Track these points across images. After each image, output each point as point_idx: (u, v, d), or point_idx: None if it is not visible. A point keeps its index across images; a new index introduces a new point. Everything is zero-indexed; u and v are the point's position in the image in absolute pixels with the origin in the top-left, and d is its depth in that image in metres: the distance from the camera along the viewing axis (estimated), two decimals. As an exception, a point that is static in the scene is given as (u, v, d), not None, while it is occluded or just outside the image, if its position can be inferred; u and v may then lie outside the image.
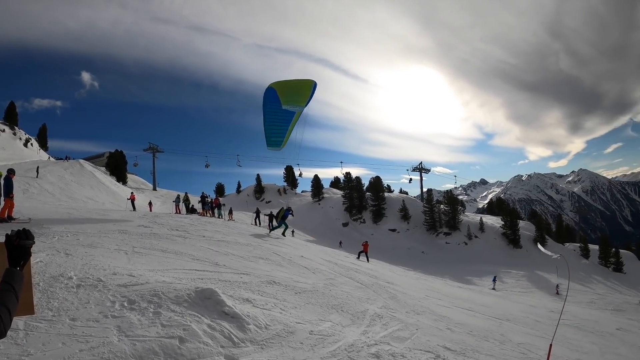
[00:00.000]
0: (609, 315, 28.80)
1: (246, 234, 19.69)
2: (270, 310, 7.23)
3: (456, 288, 27.32)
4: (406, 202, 73.88)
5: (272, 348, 5.66)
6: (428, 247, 63.81)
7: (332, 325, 7.62)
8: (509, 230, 67.43)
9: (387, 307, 11.02)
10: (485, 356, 9.29)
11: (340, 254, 26.75)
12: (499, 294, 30.54)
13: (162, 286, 6.63)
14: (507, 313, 18.63)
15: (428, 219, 69.73)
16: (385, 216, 72.84)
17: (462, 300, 19.26)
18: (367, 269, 19.68)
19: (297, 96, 13.97)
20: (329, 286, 11.48)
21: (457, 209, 71.59)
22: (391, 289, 14.87)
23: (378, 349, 6.84)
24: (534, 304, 25.98)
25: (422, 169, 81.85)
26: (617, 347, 17.16)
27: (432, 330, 10.14)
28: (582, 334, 18.48)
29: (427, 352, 7.80)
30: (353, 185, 76.08)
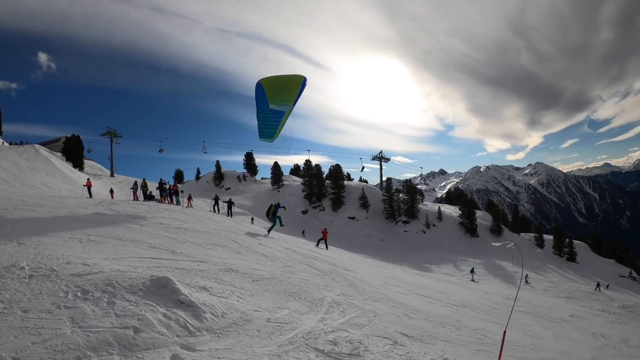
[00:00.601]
0: (563, 302, 29.71)
1: (204, 221, 19.44)
2: (227, 298, 7.18)
3: (414, 275, 27.71)
4: (366, 190, 74.25)
5: (228, 336, 5.63)
6: (387, 235, 64.51)
7: (289, 313, 7.64)
8: (467, 219, 68.70)
9: (345, 294, 11.11)
10: (442, 342, 9.49)
11: (299, 242, 26.75)
12: (456, 281, 31.17)
13: (117, 275, 6.50)
14: (464, 300, 19.00)
15: (387, 207, 70.28)
16: (344, 204, 73.14)
17: (420, 287, 19.56)
18: (325, 257, 19.69)
19: (284, 95, 13.72)
20: (287, 274, 11.47)
21: (416, 198, 72.30)
22: (349, 276, 14.97)
23: (335, 335, 6.89)
24: (489, 291, 26.61)
25: (382, 158, 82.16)
26: (570, 333, 17.80)
27: (390, 316, 10.30)
28: (536, 320, 19.08)
29: (385, 338, 7.91)
30: (313, 173, 75.82)
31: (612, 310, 28.89)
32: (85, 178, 41.69)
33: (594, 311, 27.24)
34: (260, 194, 75.18)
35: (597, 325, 22.00)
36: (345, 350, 6.22)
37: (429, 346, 8.62)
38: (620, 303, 31.93)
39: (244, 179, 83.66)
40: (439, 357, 7.62)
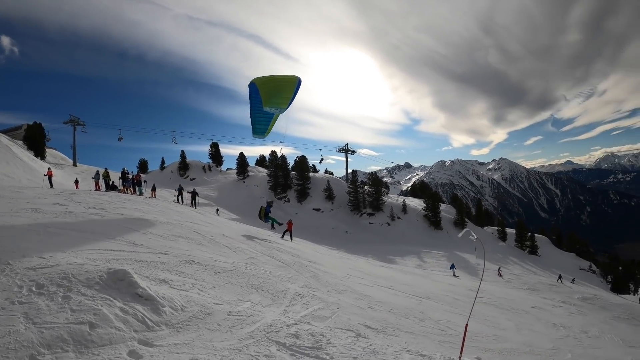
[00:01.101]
0: (525, 294, 30.36)
1: (167, 212, 19.13)
2: (187, 291, 7.10)
3: (378, 267, 27.90)
4: (331, 182, 74.08)
5: (188, 331, 5.58)
6: (352, 227, 64.70)
7: (251, 306, 7.61)
8: (431, 212, 69.11)
9: (308, 286, 11.13)
10: (405, 333, 9.59)
11: (264, 233, 26.60)
12: (420, 273, 31.51)
13: (74, 268, 6.33)
14: (428, 291, 19.23)
15: (352, 199, 70.24)
16: (310, 196, 72.90)
17: (384, 279, 19.69)
18: (290, 248, 19.64)
19: (279, 98, 13.54)
20: (250, 265, 11.40)
21: (381, 190, 72.41)
22: (313, 268, 15.00)
23: (298, 328, 6.88)
24: (453, 283, 27.00)
25: (348, 150, 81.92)
26: (532, 324, 18.23)
27: (353, 308, 10.35)
28: (499, 311, 19.47)
29: (348, 330, 7.94)
30: (278, 164, 74.98)
31: (573, 302, 29.62)
32: (47, 167, 40.48)
33: (555, 303, 27.91)
34: (225, 184, 74.53)
35: (558, 316, 22.57)
36: (307, 343, 6.22)
37: (392, 338, 8.69)
38: (580, 295, 32.73)
39: (209, 170, 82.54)
40: (402, 349, 7.67)
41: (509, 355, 11.15)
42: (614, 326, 23.79)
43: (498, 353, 10.99)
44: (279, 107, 13.58)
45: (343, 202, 70.91)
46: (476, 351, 10.32)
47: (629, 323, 26.26)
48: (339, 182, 78.26)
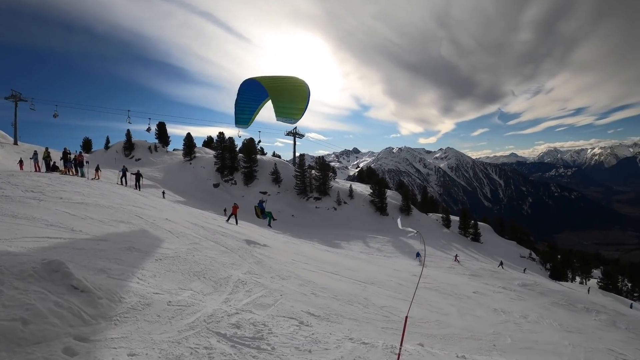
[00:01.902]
0: (467, 280, 31.17)
1: (109, 195, 18.53)
2: (126, 281, 6.93)
3: (324, 252, 28.04)
4: (278, 165, 73.70)
5: (126, 323, 5.47)
6: (298, 211, 64.77)
7: (192, 294, 7.54)
8: (377, 198, 70.13)
9: (251, 273, 11.11)
10: (349, 320, 9.71)
11: (209, 217, 26.32)
12: (364, 258, 31.92)
13: (6, 259, 5.98)
14: (372, 277, 19.46)
15: (299, 183, 70.13)
16: (256, 178, 72.30)
17: (329, 264, 19.79)
18: (234, 232, 19.47)
19: (292, 109, 13.07)
20: (193, 251, 11.20)
21: (328, 175, 72.58)
22: (257, 253, 14.95)
23: (239, 318, 6.90)
24: (397, 268, 27.40)
25: (296, 134, 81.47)
26: (474, 309, 18.78)
27: (297, 295, 10.43)
28: (442, 296, 19.96)
29: (291, 318, 8.00)
30: (226, 145, 74.10)
31: (513, 287, 30.66)
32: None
33: (496, 288, 28.81)
34: (171, 165, 73.14)
35: (499, 301, 23.33)
36: (248, 333, 6.25)
37: (336, 325, 8.79)
38: (520, 281, 33.87)
39: (155, 150, 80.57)
40: (345, 337, 7.77)
41: (450, 340, 11.45)
42: (552, 311, 24.82)
43: (440, 338, 11.26)
44: (293, 119, 13.28)
45: (290, 185, 70.88)
46: (419, 337, 10.55)
47: (566, 309, 27.45)
48: (286, 165, 78.00)
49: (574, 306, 28.77)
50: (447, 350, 9.80)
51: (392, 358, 7.04)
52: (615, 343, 20.21)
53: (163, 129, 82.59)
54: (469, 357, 9.26)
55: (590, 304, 30.82)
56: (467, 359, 9.03)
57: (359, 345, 7.49)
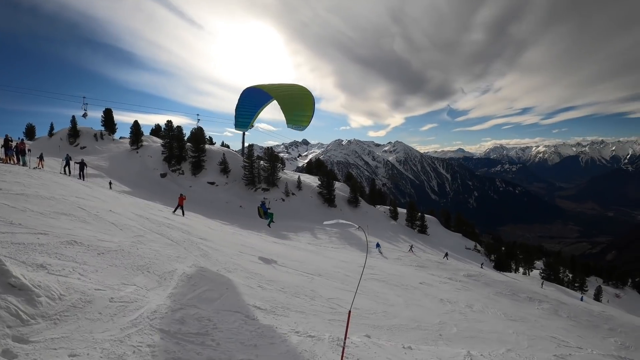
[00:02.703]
0: (414, 270, 31.66)
1: (51, 185, 17.92)
2: (67, 277, 6.73)
3: (271, 243, 27.97)
4: (227, 155, 72.80)
5: (67, 322, 5.36)
6: (246, 202, 64.21)
7: (135, 290, 7.41)
8: (325, 190, 70.57)
9: (197, 266, 10.97)
10: (296, 313, 9.77)
11: (155, 207, 25.88)
12: (312, 249, 31.99)
13: None
14: (319, 268, 19.53)
15: (247, 174, 69.57)
16: (205, 169, 71.25)
17: (276, 256, 19.71)
18: (181, 224, 19.23)
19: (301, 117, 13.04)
20: (137, 244, 10.97)
21: (277, 166, 72.34)
22: (204, 245, 14.83)
23: (183, 313, 6.85)
24: (345, 259, 27.54)
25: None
26: (420, 299, 19.14)
27: (243, 288, 10.38)
28: (389, 287, 20.23)
29: (236, 312, 7.98)
30: (174, 134, 72.71)
31: (458, 278, 31.37)
32: None
33: (442, 279, 29.42)
34: (118, 154, 71.10)
35: (445, 292, 23.83)
36: (192, 329, 6.22)
37: (282, 319, 8.83)
38: (466, 272, 34.64)
39: (102, 138, 77.96)
40: (291, 330, 7.83)
41: (397, 331, 11.64)
42: (496, 301, 25.55)
43: (387, 329, 11.44)
44: (302, 126, 13.36)
45: (238, 176, 70.33)
46: (365, 328, 10.70)
47: (510, 298, 28.35)
48: (234, 155, 77.35)
49: (517, 296, 29.74)
50: (394, 341, 9.96)
51: (338, 351, 7.13)
52: (557, 331, 21.06)
53: (110, 116, 79.92)
54: (415, 348, 9.46)
55: (533, 294, 31.92)
56: (413, 349, 9.22)
57: (305, 338, 7.56)
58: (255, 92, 13.66)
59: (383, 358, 7.89)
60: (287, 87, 13.47)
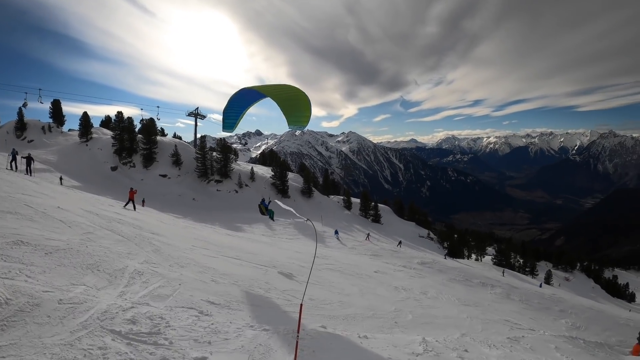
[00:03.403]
0: (368, 259, 31.99)
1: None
2: (12, 280, 6.53)
3: (225, 236, 27.81)
4: (179, 147, 71.61)
5: (14, 328, 5.21)
6: (199, 194, 63.66)
7: (85, 290, 7.25)
8: (279, 180, 70.86)
9: (149, 262, 10.85)
10: (250, 306, 9.75)
11: (105, 202, 25.42)
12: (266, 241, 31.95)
13: None
14: (274, 260, 19.50)
15: (200, 165, 68.69)
16: (156, 161, 69.91)
17: (230, 249, 19.65)
18: (132, 219, 18.92)
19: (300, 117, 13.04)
20: (86, 242, 10.69)
21: (230, 157, 71.72)
22: (156, 240, 14.59)
23: (135, 312, 6.76)
24: (299, 250, 27.60)
25: (198, 115, 79.97)
26: (375, 288, 19.35)
27: (197, 283, 10.30)
28: (344, 277, 20.38)
29: (190, 308, 7.94)
30: (125, 126, 70.93)
31: (412, 266, 31.86)
32: None
33: (397, 267, 29.83)
34: (67, 147, 68.81)
35: (399, 279, 24.17)
36: (144, 329, 6.15)
37: (237, 312, 8.81)
38: (420, 260, 35.23)
39: (50, 130, 75.20)
40: (246, 324, 7.84)
41: (353, 320, 11.77)
42: (450, 287, 26.12)
43: (343, 319, 11.54)
44: (302, 126, 13.45)
45: (191, 168, 69.45)
46: (321, 319, 10.76)
47: (463, 284, 29.01)
48: (187, 147, 76.25)
49: (470, 281, 30.44)
50: (350, 330, 10.07)
51: (293, 343, 7.15)
52: (510, 314, 21.76)
53: (58, 107, 77.00)
54: (371, 336, 9.59)
55: (486, 279, 32.74)
56: (369, 338, 9.34)
57: (260, 332, 7.58)
58: (245, 94, 13.78)
59: (339, 348, 7.97)
60: (284, 88, 13.59)
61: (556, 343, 16.37)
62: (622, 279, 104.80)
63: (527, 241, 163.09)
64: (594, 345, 18.68)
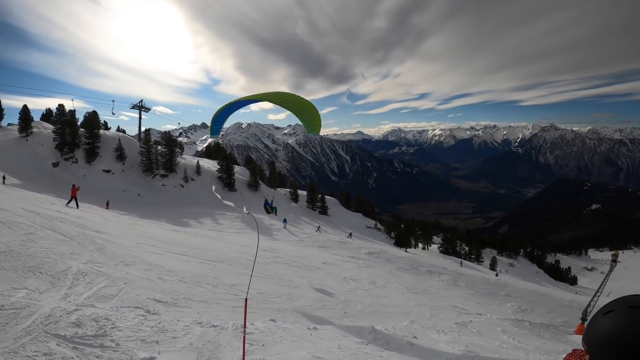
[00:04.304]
0: (316, 251, 32.10)
1: None
2: None
3: (171, 232, 27.50)
4: (123, 141, 69.50)
5: (-45, 337, 5.04)
6: (144, 190, 62.39)
7: (27, 294, 7.10)
8: (225, 174, 69.99)
9: (93, 262, 10.66)
10: (198, 303, 9.74)
11: (46, 201, 24.77)
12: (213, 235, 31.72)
13: None
14: (221, 254, 19.44)
15: (145, 160, 67.08)
16: (99, 156, 67.63)
17: (176, 245, 19.49)
18: (75, 217, 18.58)
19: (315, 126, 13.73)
20: (27, 243, 10.44)
21: (175, 151, 70.47)
22: (99, 239, 14.35)
23: (79, 315, 6.63)
24: (247, 244, 27.56)
25: (142, 107, 78.06)
26: (324, 279, 19.51)
27: (143, 282, 10.21)
28: (292, 269, 20.46)
29: (136, 308, 7.87)
30: (66, 119, 68.30)
31: (360, 256, 32.14)
32: None
33: (345, 258, 30.06)
34: (5, 143, 65.55)
35: (348, 270, 24.38)
36: (90, 331, 6.05)
37: (184, 310, 8.79)
38: (367, 250, 35.56)
39: None
40: (194, 321, 7.82)
41: (302, 312, 11.85)
42: (398, 276, 26.50)
43: (292, 311, 11.63)
44: (316, 133, 13.86)
45: (135, 162, 67.89)
46: (271, 312, 10.83)
47: (410, 272, 29.49)
48: (131, 141, 74.39)
49: (417, 270, 30.95)
50: (299, 323, 10.17)
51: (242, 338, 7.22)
52: (457, 300, 22.32)
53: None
54: (321, 328, 9.71)
55: (433, 267, 33.36)
56: (318, 329, 9.46)
57: (209, 328, 7.58)
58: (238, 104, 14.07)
59: (288, 341, 8.04)
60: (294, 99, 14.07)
61: (503, 326, 16.99)
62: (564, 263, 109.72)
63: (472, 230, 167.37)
64: (539, 326, 19.50)
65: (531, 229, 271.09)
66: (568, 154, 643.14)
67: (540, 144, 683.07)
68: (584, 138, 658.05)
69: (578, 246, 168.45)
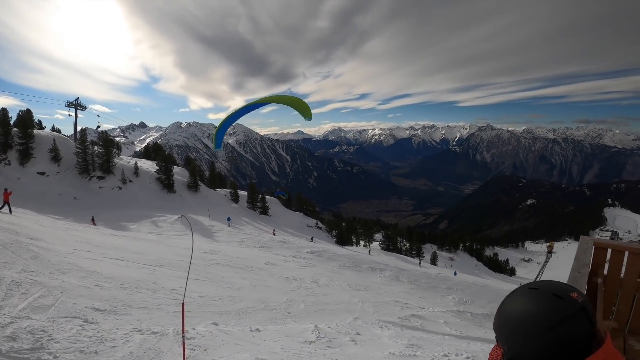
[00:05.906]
0: (258, 252, 32.05)
1: None
2: None
3: (109, 236, 26.90)
4: (58, 141, 66.79)
5: None
6: (81, 193, 60.43)
7: (-42, 308, 6.86)
8: (164, 175, 68.70)
9: (27, 271, 10.36)
10: (138, 309, 9.62)
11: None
12: (153, 239, 31.24)
13: None
14: (161, 258, 19.22)
15: (81, 161, 64.85)
16: (33, 157, 64.80)
17: (115, 250, 19.12)
18: (7, 224, 18.00)
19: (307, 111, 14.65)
20: (-46, 255, 10.13)
21: (112, 151, 68.39)
22: (34, 246, 13.95)
23: (15, 327, 6.46)
24: (188, 247, 27.28)
25: (78, 106, 75.38)
26: (266, 280, 19.54)
27: (80, 290, 9.99)
28: (234, 271, 20.40)
29: (74, 317, 7.71)
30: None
31: (302, 255, 32.34)
32: None
33: (287, 258, 30.17)
34: None
35: (290, 270, 24.48)
36: (26, 345, 5.92)
37: (124, 317, 8.68)
38: (309, 249, 35.78)
39: None
40: (134, 329, 7.74)
41: (245, 314, 11.89)
42: (340, 274, 26.79)
43: (235, 314, 11.64)
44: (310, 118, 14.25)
45: (71, 164, 65.58)
46: (212, 316, 10.81)
47: (353, 270, 29.85)
48: (66, 141, 71.71)
49: (360, 267, 31.35)
50: (242, 325, 10.19)
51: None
52: (399, 295, 22.74)
53: None
54: (263, 329, 9.77)
55: (375, 264, 33.82)
56: (261, 330, 9.51)
57: (149, 335, 7.52)
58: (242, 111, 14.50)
59: (230, 344, 8.06)
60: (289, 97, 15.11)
61: (445, 318, 17.48)
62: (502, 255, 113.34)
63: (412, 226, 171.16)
64: (480, 316, 20.09)
65: (470, 224, 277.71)
66: (504, 152, 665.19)
67: (477, 143, 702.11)
68: (520, 137, 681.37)
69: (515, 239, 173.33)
